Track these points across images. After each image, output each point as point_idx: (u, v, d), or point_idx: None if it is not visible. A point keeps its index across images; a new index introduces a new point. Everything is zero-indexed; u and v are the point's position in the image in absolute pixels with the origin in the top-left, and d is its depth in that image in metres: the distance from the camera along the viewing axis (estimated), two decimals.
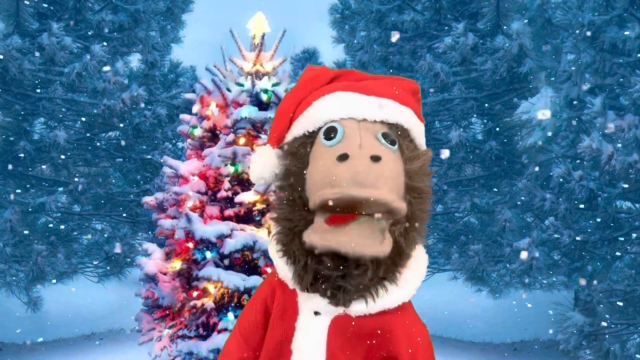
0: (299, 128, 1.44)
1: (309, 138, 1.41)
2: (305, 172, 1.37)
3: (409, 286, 1.40)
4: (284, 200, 1.41)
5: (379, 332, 1.39)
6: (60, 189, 8.08)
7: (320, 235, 1.31)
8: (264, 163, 1.48)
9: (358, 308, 1.36)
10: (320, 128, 1.39)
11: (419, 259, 1.43)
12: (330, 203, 1.28)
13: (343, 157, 1.28)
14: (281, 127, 1.50)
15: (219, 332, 3.94)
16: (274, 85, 4.38)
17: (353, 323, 1.38)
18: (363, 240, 1.30)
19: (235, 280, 3.88)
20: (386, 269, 1.34)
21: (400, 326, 1.41)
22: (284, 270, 1.42)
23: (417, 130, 1.46)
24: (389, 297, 1.37)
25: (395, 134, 1.38)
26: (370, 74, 1.57)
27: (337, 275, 1.33)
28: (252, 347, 1.52)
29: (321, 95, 1.46)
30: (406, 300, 1.40)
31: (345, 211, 1.30)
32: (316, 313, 1.39)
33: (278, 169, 1.45)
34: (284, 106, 1.52)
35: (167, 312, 4.17)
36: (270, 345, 1.46)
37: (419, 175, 1.38)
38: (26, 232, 7.51)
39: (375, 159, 1.27)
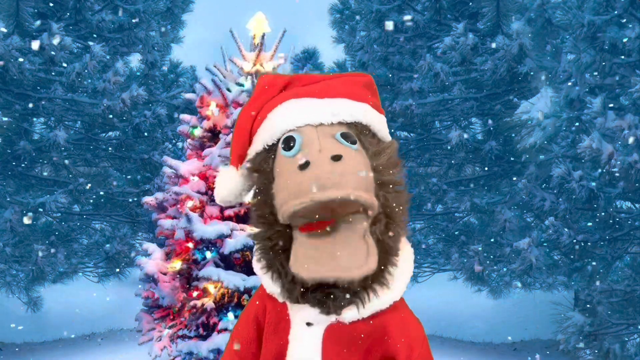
0: (258, 143, 1.42)
1: (270, 152, 1.38)
2: (272, 187, 1.34)
3: (399, 284, 1.39)
4: (259, 218, 1.38)
5: (373, 333, 1.38)
6: (60, 190, 8.07)
7: (306, 267, 1.28)
8: (228, 186, 1.46)
9: (350, 314, 1.35)
10: (279, 139, 1.37)
11: (404, 252, 1.42)
12: (300, 214, 1.26)
13: (304, 166, 1.26)
14: (241, 144, 1.47)
15: (219, 332, 3.94)
16: None
17: (347, 330, 1.36)
18: (349, 261, 1.26)
19: (235, 280, 3.88)
20: (375, 274, 1.32)
21: (395, 324, 1.40)
22: (270, 286, 1.41)
23: (378, 123, 1.44)
24: (380, 299, 1.36)
25: (355, 132, 1.36)
26: (321, 75, 1.54)
27: (325, 283, 1.30)
28: None
29: (274, 106, 1.44)
30: (397, 298, 1.39)
31: (318, 219, 1.28)
32: (308, 324, 1.37)
33: (244, 188, 1.44)
34: (240, 122, 1.48)
35: (167, 312, 4.17)
36: (267, 359, 1.44)
37: (387, 168, 1.36)
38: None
39: (336, 158, 1.25)
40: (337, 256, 1.27)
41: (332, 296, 1.31)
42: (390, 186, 1.36)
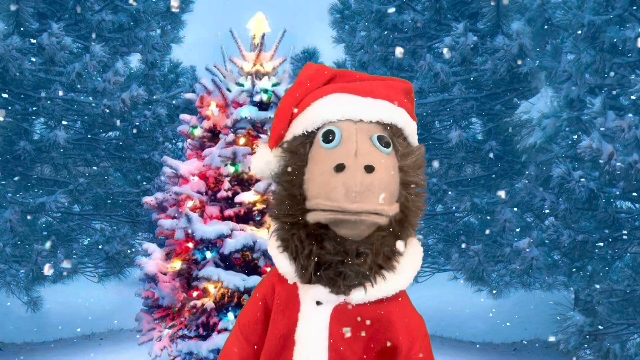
0: (298, 127, 1.50)
1: (308, 138, 1.47)
2: (305, 170, 1.44)
3: (405, 275, 1.47)
4: (285, 196, 1.46)
5: (378, 320, 1.45)
6: (60, 189, 8.07)
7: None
8: (265, 160, 1.54)
9: (357, 296, 1.43)
10: (318, 129, 1.46)
11: (414, 250, 1.51)
12: (327, 219, 1.39)
13: (340, 168, 1.35)
14: (282, 125, 1.55)
15: (219, 332, 3.94)
16: (274, 85, 4.38)
17: (353, 312, 1.44)
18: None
19: (235, 280, 3.88)
20: (384, 257, 1.42)
21: (398, 316, 1.48)
22: (284, 265, 1.48)
23: (410, 128, 1.53)
24: (386, 286, 1.44)
25: (389, 134, 1.45)
26: (367, 74, 1.62)
27: (339, 261, 1.40)
28: (252, 344, 1.57)
29: (319, 96, 1.52)
30: (403, 287, 1.48)
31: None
32: (318, 303, 1.45)
33: (277, 166, 1.52)
34: (283, 105, 1.56)
35: (167, 312, 4.17)
36: (273, 339, 1.51)
37: (414, 169, 1.46)
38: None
39: (369, 169, 1.35)
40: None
41: (343, 275, 1.40)
42: (413, 186, 1.46)
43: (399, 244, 1.45)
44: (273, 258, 1.51)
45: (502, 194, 7.43)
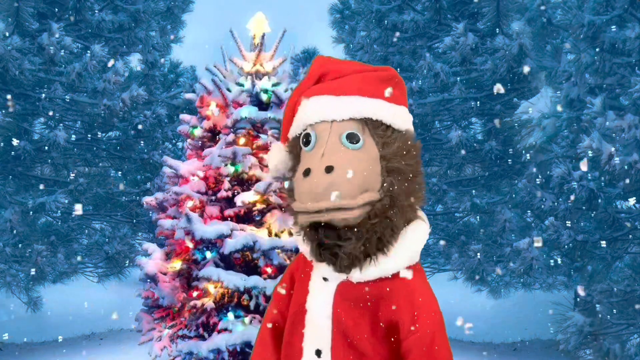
0: (292, 130, 1.70)
1: (298, 139, 1.66)
2: (297, 167, 1.62)
3: (401, 255, 1.58)
4: (288, 191, 1.66)
5: (380, 297, 1.59)
6: (60, 189, 8.07)
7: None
8: (275, 160, 1.73)
9: (356, 275, 1.58)
10: (303, 131, 1.64)
11: (415, 230, 1.62)
12: (303, 218, 1.57)
13: (306, 173, 1.51)
14: (286, 124, 1.74)
15: (219, 332, 3.94)
16: (274, 85, 4.38)
17: (354, 289, 1.60)
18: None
19: (235, 280, 3.88)
20: (371, 241, 1.55)
21: (401, 293, 1.59)
22: (302, 246, 1.68)
23: (391, 115, 1.62)
24: (380, 266, 1.57)
25: (364, 128, 1.57)
26: (349, 65, 1.74)
27: (335, 244, 1.55)
28: (282, 312, 1.80)
29: (305, 98, 1.67)
30: (400, 268, 1.59)
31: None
32: (325, 279, 1.65)
33: (289, 162, 1.71)
34: (287, 107, 1.75)
35: (167, 312, 4.17)
36: (293, 307, 1.73)
37: (397, 156, 1.57)
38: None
39: (328, 169, 1.49)
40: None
41: (337, 256, 1.56)
42: (397, 172, 1.56)
43: (393, 228, 1.56)
44: (295, 240, 1.73)
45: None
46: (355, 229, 1.54)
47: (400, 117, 1.65)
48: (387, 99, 1.64)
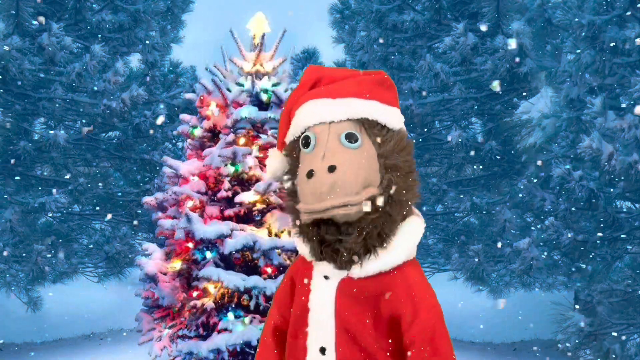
0: (290, 134, 1.73)
1: (297, 142, 1.70)
2: (298, 171, 1.67)
3: (400, 249, 1.63)
4: (289, 193, 1.70)
5: (381, 292, 1.62)
6: (60, 190, 8.07)
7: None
8: (273, 166, 1.76)
9: (356, 271, 1.62)
10: (302, 134, 1.68)
11: (411, 224, 1.67)
12: (305, 217, 1.62)
13: (309, 175, 1.57)
14: (283, 129, 1.78)
15: (219, 332, 3.94)
16: (274, 85, 4.38)
17: (356, 285, 1.63)
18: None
19: (235, 280, 3.88)
20: (374, 236, 1.59)
21: (401, 287, 1.63)
22: (301, 247, 1.72)
23: (387, 116, 1.68)
24: (380, 260, 1.61)
25: (360, 128, 1.63)
26: (343, 72, 1.80)
27: (336, 240, 1.60)
28: (284, 314, 1.81)
29: (302, 103, 1.72)
30: (398, 262, 1.63)
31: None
32: (326, 277, 1.67)
33: (286, 167, 1.74)
34: (283, 113, 1.80)
35: (167, 312, 4.17)
36: (296, 308, 1.75)
37: (394, 153, 1.64)
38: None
39: (331, 169, 1.56)
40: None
41: (338, 252, 1.61)
42: (396, 169, 1.63)
43: (392, 222, 1.61)
44: (295, 242, 1.75)
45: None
46: (357, 224, 1.59)
47: (394, 117, 1.71)
48: (381, 100, 1.70)
